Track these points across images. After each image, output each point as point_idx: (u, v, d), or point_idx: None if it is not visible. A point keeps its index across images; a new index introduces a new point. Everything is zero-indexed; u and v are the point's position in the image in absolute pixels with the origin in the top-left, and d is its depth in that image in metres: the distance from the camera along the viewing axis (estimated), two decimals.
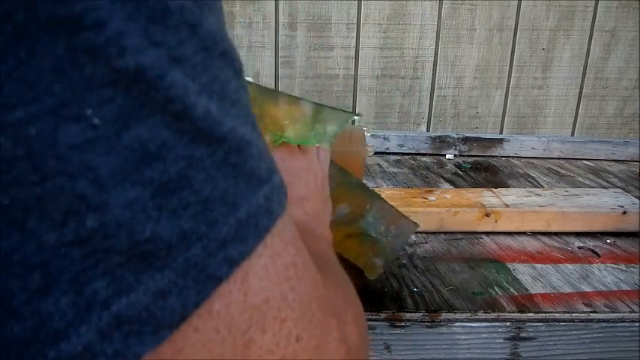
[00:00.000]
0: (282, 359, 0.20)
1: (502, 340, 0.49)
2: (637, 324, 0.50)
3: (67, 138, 0.16)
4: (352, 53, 0.98)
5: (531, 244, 0.64)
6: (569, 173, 0.90)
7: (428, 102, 1.02)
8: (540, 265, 0.59)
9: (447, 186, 0.81)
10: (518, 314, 0.50)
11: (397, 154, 0.96)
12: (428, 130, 1.03)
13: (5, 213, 0.15)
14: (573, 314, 0.50)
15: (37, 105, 0.15)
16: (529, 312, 0.50)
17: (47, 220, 0.16)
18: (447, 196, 0.68)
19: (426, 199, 0.67)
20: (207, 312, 0.18)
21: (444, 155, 0.97)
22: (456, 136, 0.97)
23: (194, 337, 0.18)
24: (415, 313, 0.49)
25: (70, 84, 0.16)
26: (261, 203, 0.20)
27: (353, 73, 0.99)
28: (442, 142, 0.97)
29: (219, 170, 0.18)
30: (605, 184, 0.85)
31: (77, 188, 0.16)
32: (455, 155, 0.97)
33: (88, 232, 0.16)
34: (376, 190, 0.70)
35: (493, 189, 0.72)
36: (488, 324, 0.49)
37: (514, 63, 1.01)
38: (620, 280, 0.56)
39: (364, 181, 0.57)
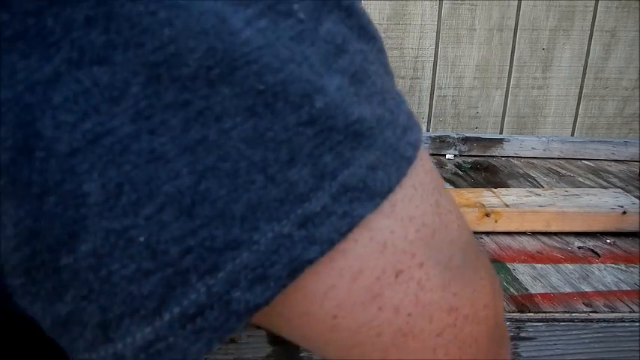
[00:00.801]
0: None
1: None
2: (637, 324, 0.50)
3: (285, 32, 0.17)
4: None
5: (531, 244, 0.64)
6: (569, 173, 0.90)
7: (428, 102, 1.02)
8: (540, 265, 0.59)
9: (447, 186, 0.81)
10: (518, 314, 0.50)
11: None
12: (428, 130, 1.03)
13: (258, 98, 0.17)
14: (573, 314, 0.50)
15: (260, 5, 0.17)
16: (529, 312, 0.50)
17: (289, 104, 0.17)
18: None
19: None
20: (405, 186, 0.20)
21: (444, 155, 0.97)
22: (456, 136, 0.97)
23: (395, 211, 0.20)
24: None
25: None
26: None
27: None
28: (442, 142, 0.97)
29: (380, 67, 0.21)
30: (605, 184, 0.85)
31: (304, 75, 0.17)
32: (455, 155, 0.97)
33: (317, 112, 0.18)
34: None
35: (493, 189, 0.72)
36: None
37: (514, 63, 1.01)
38: (620, 280, 0.56)
39: None
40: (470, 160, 0.95)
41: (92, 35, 0.15)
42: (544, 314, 0.50)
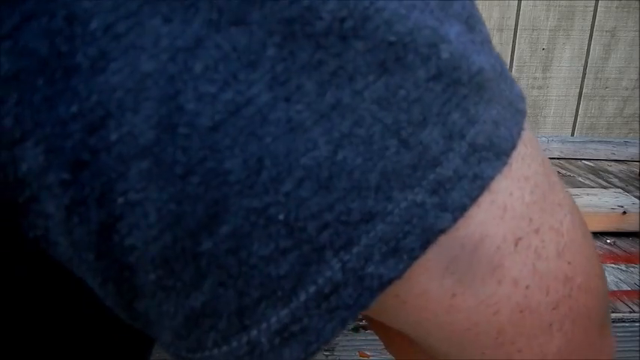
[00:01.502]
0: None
1: None
2: (637, 324, 0.50)
3: None
4: None
5: None
6: (569, 173, 0.90)
7: None
8: None
9: None
10: None
11: None
12: None
13: (389, 51, 0.16)
14: None
15: None
16: None
17: (419, 56, 0.16)
18: None
19: None
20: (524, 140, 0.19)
21: None
22: None
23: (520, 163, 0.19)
24: None
25: None
26: None
27: None
28: None
29: (478, 12, 0.20)
30: (605, 184, 0.85)
31: (428, 22, 0.16)
32: None
33: (444, 64, 0.16)
34: None
35: None
36: None
37: (514, 63, 1.01)
38: (620, 280, 0.56)
39: None
40: None
41: None
42: None
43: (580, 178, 0.87)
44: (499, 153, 0.18)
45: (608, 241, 0.65)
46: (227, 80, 0.15)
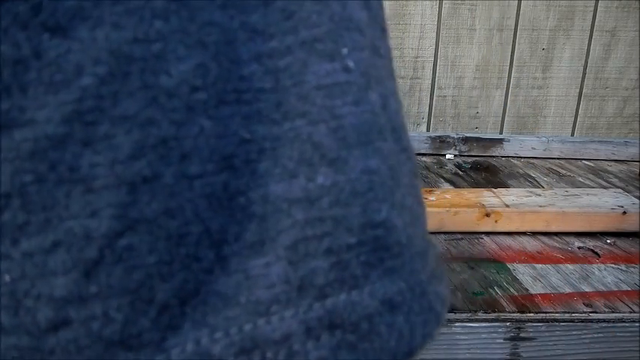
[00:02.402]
0: None
1: (502, 341, 0.49)
2: (637, 324, 0.50)
3: (315, 77, 0.15)
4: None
5: (531, 244, 0.64)
6: (569, 173, 0.90)
7: (428, 102, 1.02)
8: (540, 265, 0.59)
9: (447, 186, 0.81)
10: (518, 314, 0.50)
11: None
12: (428, 130, 1.03)
13: (242, 149, 0.14)
14: (573, 314, 0.50)
15: (292, 37, 0.14)
16: (529, 312, 0.50)
17: (279, 167, 0.14)
18: (447, 196, 0.68)
19: (426, 199, 0.67)
20: None
21: (444, 155, 0.97)
22: (456, 136, 0.97)
23: None
24: None
25: (330, 17, 0.15)
26: None
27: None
28: (442, 142, 0.97)
29: None
30: (605, 184, 0.85)
31: (315, 136, 0.15)
32: (455, 155, 0.97)
33: (317, 190, 0.15)
34: None
35: (493, 189, 0.72)
36: (488, 324, 0.49)
37: (514, 63, 1.01)
38: (620, 280, 0.56)
39: None
40: (470, 160, 0.95)
41: None
42: (544, 314, 0.50)
43: (580, 178, 0.87)
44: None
45: (608, 241, 0.65)
46: None
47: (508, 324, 0.49)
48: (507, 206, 0.66)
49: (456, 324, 0.49)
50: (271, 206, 0.14)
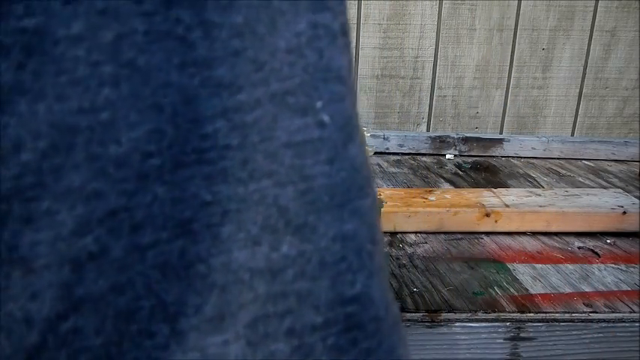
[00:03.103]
0: None
1: (502, 340, 0.49)
2: (637, 324, 0.50)
3: (285, 133, 0.13)
4: (352, 53, 0.98)
5: (531, 244, 0.64)
6: (569, 173, 0.90)
7: (428, 102, 1.02)
8: (540, 265, 0.59)
9: (447, 186, 0.81)
10: (518, 314, 0.50)
11: (397, 154, 0.96)
12: (428, 130, 1.03)
13: (204, 212, 0.13)
14: (573, 314, 0.50)
15: (262, 89, 0.13)
16: (529, 312, 0.50)
17: (243, 232, 0.13)
18: (447, 196, 0.68)
19: (426, 199, 0.67)
20: None
21: (444, 155, 0.97)
22: (456, 136, 0.97)
23: None
24: (415, 313, 0.49)
25: (304, 68, 0.14)
26: None
27: (353, 73, 0.99)
28: (442, 142, 0.97)
29: None
30: (605, 184, 0.85)
31: (281, 199, 0.13)
32: (455, 155, 0.97)
33: (281, 261, 0.14)
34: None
35: (493, 189, 0.72)
36: (488, 324, 0.49)
37: (514, 63, 1.01)
38: (620, 280, 0.56)
39: None
40: (470, 160, 0.95)
41: None
42: (544, 314, 0.50)
43: (580, 178, 0.87)
44: None
45: (608, 241, 0.65)
46: None
47: (508, 324, 0.49)
48: (507, 206, 0.66)
49: (456, 324, 0.49)
50: (233, 276, 0.13)
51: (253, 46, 0.13)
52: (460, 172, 0.88)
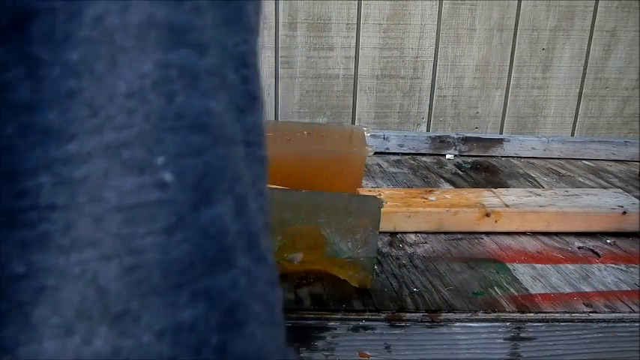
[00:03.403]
0: None
1: (502, 340, 0.49)
2: (637, 324, 0.50)
3: (115, 194, 0.11)
4: (352, 53, 0.98)
5: (531, 244, 0.64)
6: (569, 173, 0.90)
7: (428, 102, 1.02)
8: (540, 265, 0.59)
9: (447, 186, 0.81)
10: (518, 314, 0.50)
11: (397, 154, 0.96)
12: (428, 130, 1.03)
13: (14, 287, 0.11)
14: (573, 314, 0.50)
15: (95, 139, 0.11)
16: (529, 312, 0.50)
17: (57, 315, 0.11)
18: (447, 196, 0.68)
19: (426, 199, 0.67)
20: None
21: (444, 155, 0.97)
22: (456, 136, 0.97)
23: None
24: (415, 313, 0.49)
25: (146, 116, 0.12)
26: None
27: (353, 73, 0.99)
28: (442, 142, 0.97)
29: None
30: (605, 184, 0.85)
31: (101, 277, 0.11)
32: (455, 155, 0.97)
33: (91, 358, 0.11)
34: (376, 190, 0.70)
35: (493, 189, 0.72)
36: (488, 324, 0.49)
37: (514, 63, 1.01)
38: (620, 280, 0.56)
39: (363, 182, 0.57)
40: (470, 160, 0.95)
41: None
42: (544, 314, 0.50)
43: (580, 178, 0.87)
44: None
45: (608, 241, 0.65)
46: None
47: (508, 324, 0.49)
48: (507, 206, 0.66)
49: (456, 324, 0.49)
50: None
51: (90, 87, 0.11)
52: (460, 172, 0.88)
